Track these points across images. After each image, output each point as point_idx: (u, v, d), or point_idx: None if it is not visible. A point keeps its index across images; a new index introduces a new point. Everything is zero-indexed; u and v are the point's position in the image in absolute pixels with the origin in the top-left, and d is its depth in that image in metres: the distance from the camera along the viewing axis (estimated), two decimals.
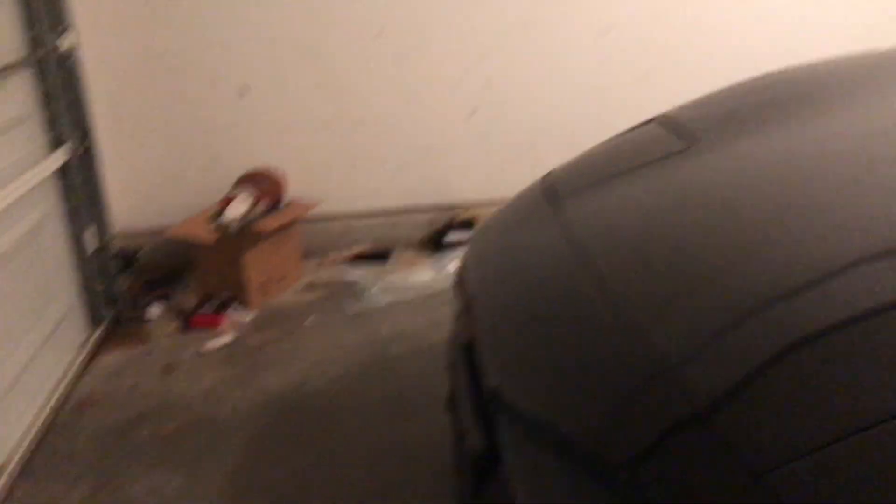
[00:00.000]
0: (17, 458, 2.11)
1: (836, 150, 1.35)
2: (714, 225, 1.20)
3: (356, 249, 3.33)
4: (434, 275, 3.08)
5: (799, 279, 0.99)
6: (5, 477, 2.04)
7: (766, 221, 1.16)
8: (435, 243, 3.31)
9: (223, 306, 2.89)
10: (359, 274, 3.13)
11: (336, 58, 3.14)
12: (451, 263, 3.08)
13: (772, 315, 0.95)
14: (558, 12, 3.16)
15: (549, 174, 1.70)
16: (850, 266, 0.97)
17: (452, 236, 3.25)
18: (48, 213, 2.49)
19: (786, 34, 3.19)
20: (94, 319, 2.74)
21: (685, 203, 1.32)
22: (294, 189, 3.19)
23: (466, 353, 1.36)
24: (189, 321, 2.84)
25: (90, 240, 2.72)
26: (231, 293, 2.92)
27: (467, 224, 3.27)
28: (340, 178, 3.33)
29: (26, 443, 2.17)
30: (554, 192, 1.58)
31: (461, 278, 1.59)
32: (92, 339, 2.69)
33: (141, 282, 3.06)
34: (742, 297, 1.00)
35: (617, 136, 1.78)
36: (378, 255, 3.29)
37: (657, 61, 3.24)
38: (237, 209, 2.87)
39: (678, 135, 1.58)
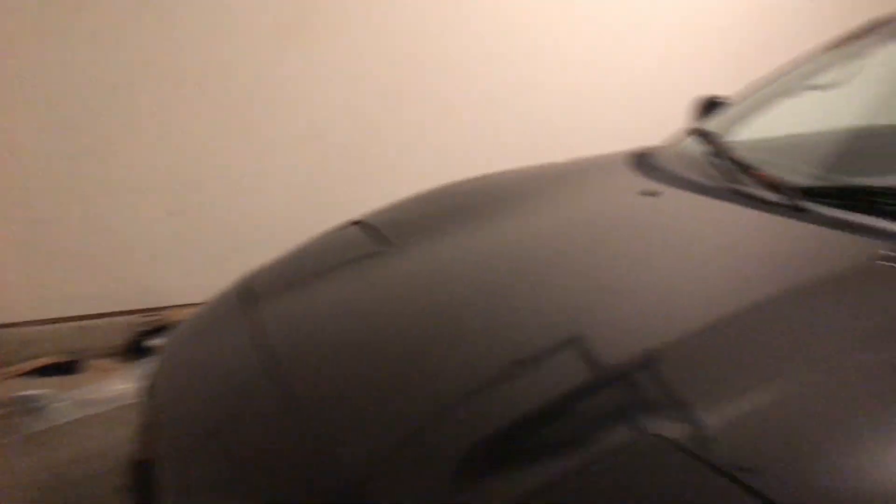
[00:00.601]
0: None
1: (517, 250, 1.48)
2: (400, 330, 1.23)
3: (40, 360, 2.96)
4: (132, 384, 2.82)
5: (477, 382, 1.03)
6: None
7: (449, 325, 1.21)
8: (135, 349, 3.05)
9: None
10: (41, 388, 2.77)
11: (13, 149, 2.85)
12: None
13: (449, 426, 0.97)
14: (265, 116, 3.19)
15: (246, 276, 1.66)
16: (532, 361, 1.04)
17: (154, 341, 3.03)
18: None
19: (479, 143, 3.53)
20: None
21: (372, 307, 1.35)
22: None
23: (144, 473, 1.24)
24: None
25: None
26: None
27: (172, 328, 3.07)
28: (21, 281, 2.97)
29: None
30: (250, 294, 1.54)
31: (150, 389, 1.47)
32: None
33: None
34: (419, 408, 1.02)
35: (316, 238, 1.81)
36: (67, 366, 2.95)
37: (362, 165, 3.38)
38: None
39: (373, 237, 1.64)
